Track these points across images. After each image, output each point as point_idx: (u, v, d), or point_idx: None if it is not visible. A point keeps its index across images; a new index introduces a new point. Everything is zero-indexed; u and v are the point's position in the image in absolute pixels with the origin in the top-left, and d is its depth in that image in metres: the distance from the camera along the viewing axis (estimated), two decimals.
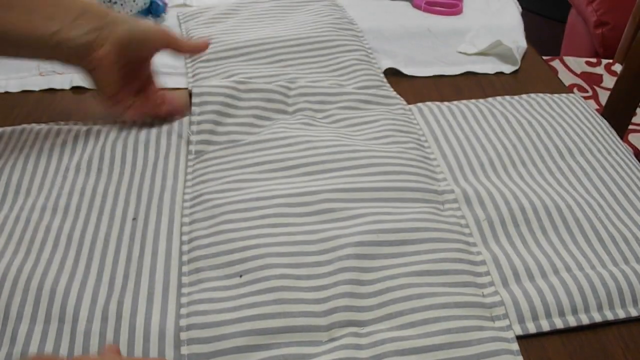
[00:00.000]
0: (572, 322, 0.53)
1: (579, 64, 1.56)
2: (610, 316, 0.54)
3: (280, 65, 0.82)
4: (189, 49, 0.76)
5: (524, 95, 0.81)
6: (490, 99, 0.79)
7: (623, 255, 0.59)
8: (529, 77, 0.86)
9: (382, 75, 0.83)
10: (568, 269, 0.57)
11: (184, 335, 0.50)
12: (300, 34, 0.86)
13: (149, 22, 0.73)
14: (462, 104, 0.78)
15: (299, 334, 0.51)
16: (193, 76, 0.81)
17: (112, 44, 0.66)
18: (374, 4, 1.02)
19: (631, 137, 1.33)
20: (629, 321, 0.54)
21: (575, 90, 1.43)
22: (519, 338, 0.52)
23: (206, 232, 0.58)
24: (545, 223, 0.61)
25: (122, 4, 0.91)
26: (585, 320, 0.53)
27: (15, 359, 0.49)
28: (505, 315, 0.53)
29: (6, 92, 0.79)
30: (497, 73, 0.87)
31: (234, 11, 0.94)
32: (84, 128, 0.71)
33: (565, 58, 1.58)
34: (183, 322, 0.51)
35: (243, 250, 0.56)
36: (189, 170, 0.66)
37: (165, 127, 0.72)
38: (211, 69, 0.81)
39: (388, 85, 0.81)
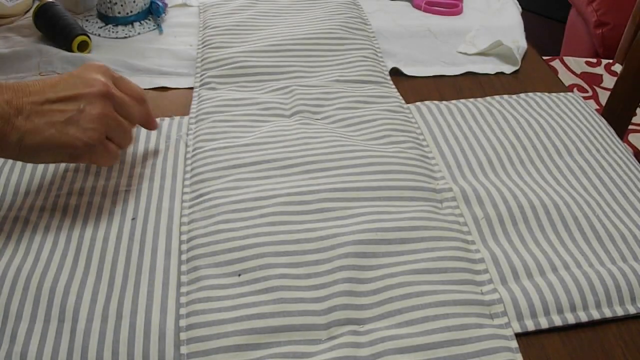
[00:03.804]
0: (570, 319, 0.53)
1: (579, 64, 1.56)
2: (608, 314, 0.54)
3: (287, 56, 0.83)
4: None
5: (522, 95, 0.81)
6: (488, 98, 0.79)
7: (621, 253, 0.59)
8: (529, 77, 0.86)
9: (387, 73, 0.83)
10: (566, 267, 0.57)
11: (183, 335, 0.50)
12: (311, 31, 0.87)
13: None
14: (461, 103, 0.78)
15: (298, 333, 0.51)
16: (200, 80, 0.81)
17: None
18: (374, 3, 1.02)
19: (631, 137, 1.33)
20: (628, 320, 0.54)
21: (575, 90, 1.43)
22: (518, 336, 0.52)
23: (205, 231, 0.58)
24: (544, 221, 0.61)
25: (122, 5, 0.91)
26: (583, 317, 0.53)
27: (14, 359, 0.49)
28: (504, 313, 0.53)
29: None
30: (497, 73, 0.87)
31: (253, 4, 0.95)
32: None
33: (565, 58, 1.58)
34: (182, 323, 0.51)
35: (242, 250, 0.56)
36: (187, 169, 0.66)
37: (163, 128, 0.72)
38: (220, 70, 0.81)
39: (391, 82, 0.81)
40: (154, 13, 0.95)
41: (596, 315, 0.53)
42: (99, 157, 0.60)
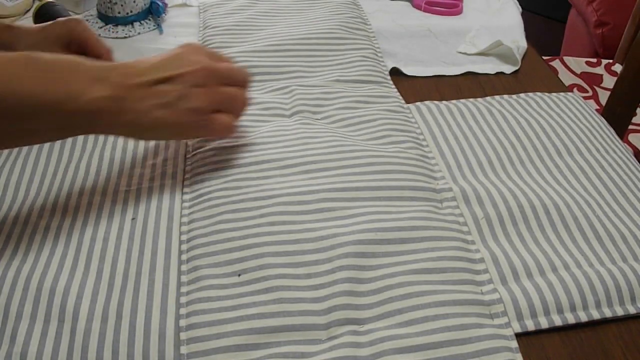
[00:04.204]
0: (570, 319, 0.53)
1: (579, 64, 1.56)
2: (608, 314, 0.54)
3: (287, 56, 0.83)
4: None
5: (522, 95, 0.81)
6: (488, 98, 0.79)
7: (621, 253, 0.59)
8: (529, 77, 0.86)
9: (387, 73, 0.83)
10: (566, 267, 0.57)
11: (183, 335, 0.50)
12: (311, 31, 0.87)
13: None
14: (461, 103, 0.78)
15: (298, 333, 0.51)
16: None
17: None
18: (374, 3, 1.02)
19: (631, 137, 1.33)
20: (628, 320, 0.54)
21: (575, 90, 1.43)
22: (518, 336, 0.52)
23: (205, 230, 0.58)
24: (544, 221, 0.61)
25: (122, 5, 0.91)
26: (583, 317, 0.53)
27: (14, 359, 0.49)
28: (504, 313, 0.53)
29: None
30: (497, 73, 0.87)
31: (253, 4, 0.95)
32: None
33: (565, 58, 1.58)
34: (182, 323, 0.51)
35: (241, 250, 0.56)
36: (187, 169, 0.66)
37: None
38: None
39: (390, 82, 0.81)
40: (154, 13, 0.95)
41: (596, 315, 0.53)
42: (210, 131, 0.63)
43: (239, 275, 0.54)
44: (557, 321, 0.53)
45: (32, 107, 0.52)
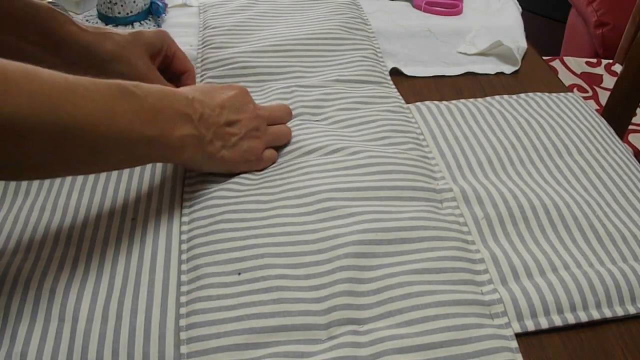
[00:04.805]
0: (570, 319, 0.53)
1: (579, 64, 1.56)
2: (608, 314, 0.54)
3: (287, 56, 0.83)
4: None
5: (522, 95, 0.81)
6: (488, 98, 0.79)
7: (621, 253, 0.59)
8: (529, 78, 0.86)
9: (387, 73, 0.83)
10: (566, 267, 0.57)
11: (183, 335, 0.50)
12: (311, 31, 0.87)
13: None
14: (461, 103, 0.78)
15: (298, 332, 0.51)
16: (201, 80, 0.81)
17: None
18: (374, 3, 1.02)
19: (631, 137, 1.33)
20: (628, 320, 0.54)
21: (575, 90, 1.43)
22: (518, 336, 0.52)
23: (205, 230, 0.58)
24: (544, 221, 0.61)
25: (122, 5, 0.91)
26: (583, 317, 0.53)
27: (14, 359, 0.49)
28: (504, 313, 0.53)
29: None
30: (497, 73, 0.87)
31: (253, 4, 0.95)
32: None
33: (565, 58, 1.58)
34: (183, 322, 0.51)
35: (242, 250, 0.56)
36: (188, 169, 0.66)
37: None
38: (220, 70, 0.81)
39: (391, 82, 0.81)
40: (154, 13, 0.95)
41: (596, 315, 0.54)
42: (257, 166, 0.66)
43: (239, 274, 0.54)
44: (557, 321, 0.53)
45: (127, 140, 0.53)
